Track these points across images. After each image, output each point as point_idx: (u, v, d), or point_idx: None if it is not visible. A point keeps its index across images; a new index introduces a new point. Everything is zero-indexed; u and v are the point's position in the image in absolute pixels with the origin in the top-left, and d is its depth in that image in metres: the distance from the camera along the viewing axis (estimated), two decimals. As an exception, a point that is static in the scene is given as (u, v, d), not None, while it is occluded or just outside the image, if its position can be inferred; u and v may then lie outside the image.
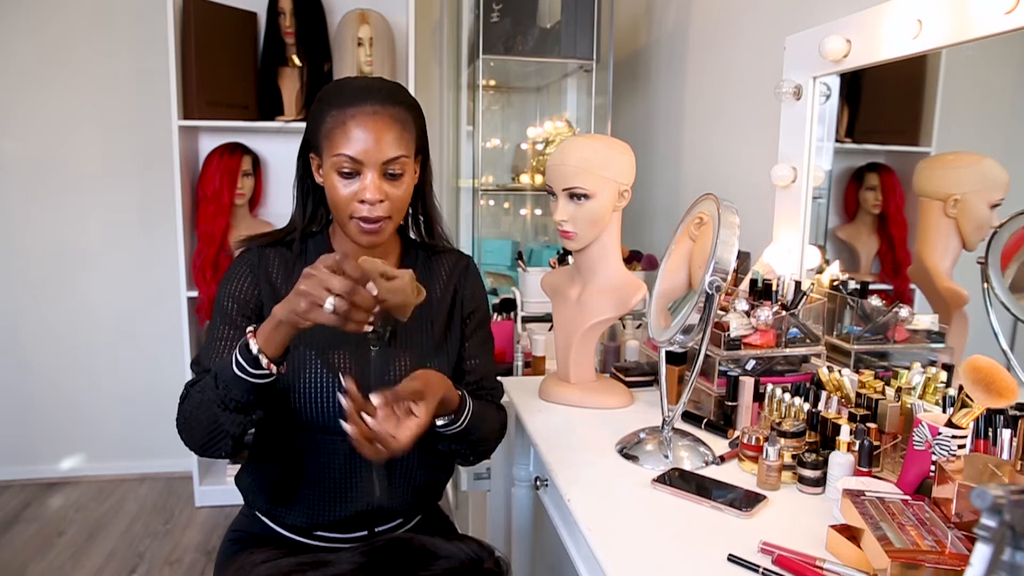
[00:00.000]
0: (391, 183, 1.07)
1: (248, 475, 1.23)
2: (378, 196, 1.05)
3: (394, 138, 1.05)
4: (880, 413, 1.11)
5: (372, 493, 1.16)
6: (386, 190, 1.07)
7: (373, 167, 1.05)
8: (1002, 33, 1.02)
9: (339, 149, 1.04)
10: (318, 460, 1.14)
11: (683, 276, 1.30)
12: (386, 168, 1.06)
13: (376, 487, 1.16)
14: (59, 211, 2.93)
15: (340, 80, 1.14)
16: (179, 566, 2.40)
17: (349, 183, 1.06)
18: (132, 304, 3.03)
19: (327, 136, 1.06)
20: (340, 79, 1.15)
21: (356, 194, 1.06)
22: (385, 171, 1.06)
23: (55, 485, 2.99)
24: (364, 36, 2.64)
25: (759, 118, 1.79)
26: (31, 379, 3.00)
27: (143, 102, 2.90)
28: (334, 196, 1.07)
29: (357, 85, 1.09)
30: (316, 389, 1.11)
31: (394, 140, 1.06)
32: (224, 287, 1.14)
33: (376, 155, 1.04)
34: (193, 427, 1.05)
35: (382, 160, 1.05)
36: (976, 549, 0.51)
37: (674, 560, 0.89)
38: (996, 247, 1.12)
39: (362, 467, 1.15)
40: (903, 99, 1.37)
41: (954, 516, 0.86)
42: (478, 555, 0.77)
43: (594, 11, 2.40)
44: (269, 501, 1.19)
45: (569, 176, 1.35)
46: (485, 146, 2.84)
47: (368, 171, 1.05)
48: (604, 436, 1.29)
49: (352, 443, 0.95)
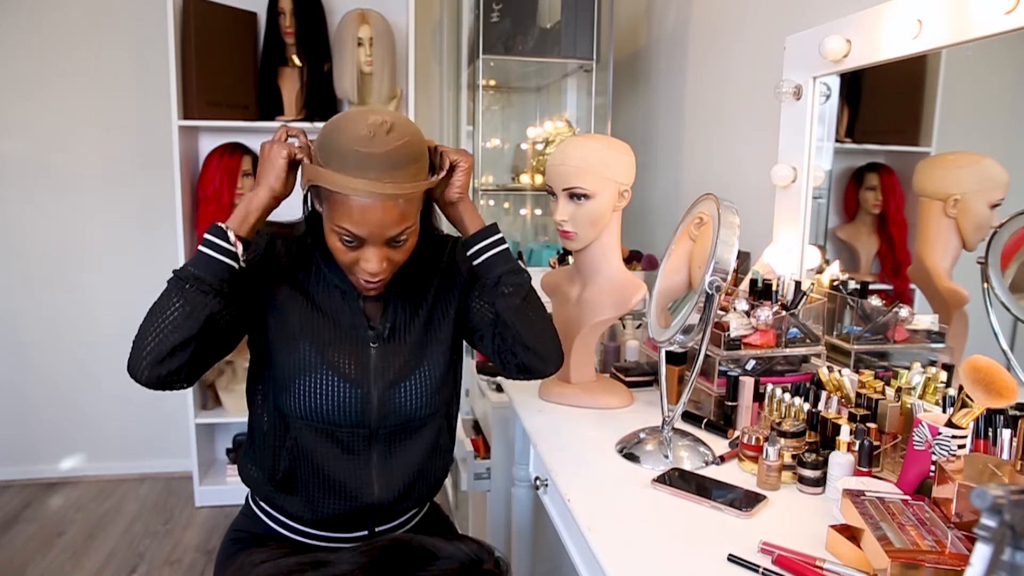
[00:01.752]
0: (394, 248, 1.07)
1: (251, 462, 1.23)
2: (381, 268, 1.05)
3: (398, 215, 1.02)
4: (880, 413, 1.11)
5: (371, 487, 1.16)
6: (389, 255, 1.07)
7: (376, 242, 1.04)
8: (1002, 33, 1.02)
9: (340, 221, 1.01)
10: (317, 452, 1.14)
11: (683, 276, 1.30)
12: (390, 240, 1.05)
13: (375, 482, 1.16)
14: (59, 211, 2.92)
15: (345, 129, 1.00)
16: (179, 566, 2.40)
17: (351, 250, 1.05)
18: (132, 304, 3.00)
19: (329, 197, 1.02)
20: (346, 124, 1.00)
21: (357, 260, 1.06)
22: (388, 243, 1.05)
23: (55, 485, 2.99)
24: (364, 36, 2.64)
25: (759, 118, 1.79)
26: (31, 379, 3.00)
27: (143, 102, 2.89)
28: (335, 254, 1.07)
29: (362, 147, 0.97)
30: (316, 386, 1.12)
31: (398, 217, 1.02)
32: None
33: (380, 235, 1.03)
34: (144, 327, 1.01)
35: (387, 238, 1.04)
36: (976, 549, 0.51)
37: (674, 560, 0.89)
38: (996, 247, 1.12)
39: (361, 461, 1.15)
40: (903, 99, 1.37)
41: (954, 516, 0.86)
42: (478, 555, 0.77)
43: (594, 11, 2.40)
44: (272, 487, 1.18)
45: (569, 176, 1.35)
46: (485, 146, 2.84)
47: (371, 244, 1.04)
48: (604, 436, 1.29)
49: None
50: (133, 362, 1.02)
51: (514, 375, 1.20)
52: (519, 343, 1.15)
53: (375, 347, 1.15)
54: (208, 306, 1.00)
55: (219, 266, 1.02)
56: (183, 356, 1.01)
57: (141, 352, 1.01)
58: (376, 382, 1.14)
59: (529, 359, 1.17)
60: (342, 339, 1.14)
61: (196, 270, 1.01)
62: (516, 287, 1.14)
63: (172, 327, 0.99)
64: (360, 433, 1.14)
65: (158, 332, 1.00)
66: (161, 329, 1.00)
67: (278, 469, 1.16)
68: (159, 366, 1.00)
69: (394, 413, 1.15)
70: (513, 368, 1.19)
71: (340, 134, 1.00)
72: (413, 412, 1.16)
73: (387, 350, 1.16)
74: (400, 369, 1.16)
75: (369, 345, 1.15)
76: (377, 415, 1.14)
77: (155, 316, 1.01)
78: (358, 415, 1.13)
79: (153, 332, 1.00)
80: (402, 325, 1.18)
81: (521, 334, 1.14)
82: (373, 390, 1.14)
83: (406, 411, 1.16)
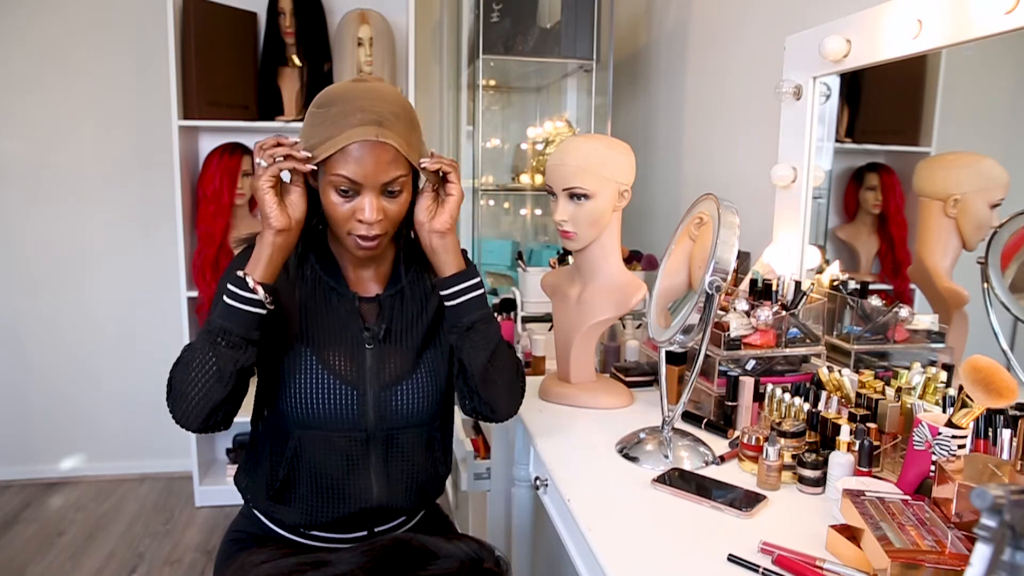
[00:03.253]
0: (389, 200, 1.08)
1: (246, 474, 1.24)
2: (376, 216, 1.06)
3: (393, 159, 1.05)
4: (880, 413, 1.11)
5: (370, 491, 1.16)
6: (384, 207, 1.07)
7: (372, 188, 1.05)
8: (1002, 33, 1.02)
9: (337, 169, 1.03)
10: (316, 458, 1.14)
11: (683, 276, 1.30)
12: (385, 188, 1.06)
13: (374, 485, 1.16)
14: (59, 211, 2.92)
15: (336, 89, 1.08)
16: (179, 566, 2.40)
17: (347, 201, 1.06)
18: (132, 304, 3.03)
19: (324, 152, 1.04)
20: (336, 87, 1.09)
21: (354, 212, 1.06)
22: (384, 190, 1.06)
23: (55, 485, 2.99)
24: (364, 36, 2.64)
25: (759, 118, 1.79)
26: (31, 379, 3.00)
27: (143, 102, 2.90)
28: (332, 212, 1.07)
29: (355, 100, 1.04)
30: (312, 387, 1.12)
31: (393, 161, 1.05)
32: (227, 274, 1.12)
33: (375, 178, 1.04)
34: (184, 383, 1.04)
35: (381, 182, 1.05)
36: (976, 549, 0.51)
37: (674, 560, 0.89)
38: (996, 247, 1.12)
39: (360, 464, 1.15)
40: (903, 99, 1.37)
41: (954, 516, 0.86)
42: (478, 555, 0.77)
43: (594, 11, 2.40)
44: (268, 499, 1.19)
45: (569, 176, 1.35)
46: (485, 146, 2.84)
47: (367, 192, 1.05)
48: (604, 436, 1.29)
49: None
50: (182, 417, 1.07)
51: (466, 412, 1.23)
52: (476, 393, 1.17)
53: (370, 348, 1.15)
54: (240, 360, 1.04)
55: (246, 315, 1.03)
56: (227, 407, 1.07)
57: (188, 409, 1.05)
58: (372, 384, 1.14)
59: (483, 409, 1.20)
60: (338, 340, 1.14)
61: (225, 323, 1.03)
62: (485, 339, 1.15)
63: (211, 384, 1.03)
64: (357, 437, 1.14)
65: (199, 390, 1.04)
66: (201, 387, 1.04)
67: (276, 479, 1.16)
68: (208, 419, 1.06)
69: (391, 416, 1.15)
70: (467, 408, 1.21)
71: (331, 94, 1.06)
72: (410, 415, 1.16)
73: (383, 352, 1.16)
74: (397, 371, 1.16)
75: (364, 346, 1.15)
76: (374, 417, 1.14)
77: (191, 371, 1.04)
78: (354, 417, 1.13)
79: (194, 390, 1.04)
80: (400, 328, 1.18)
81: (479, 388, 1.16)
82: (369, 391, 1.14)
83: (403, 414, 1.16)
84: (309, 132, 1.07)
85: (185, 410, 1.05)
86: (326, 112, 1.05)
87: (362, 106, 1.03)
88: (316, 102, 1.08)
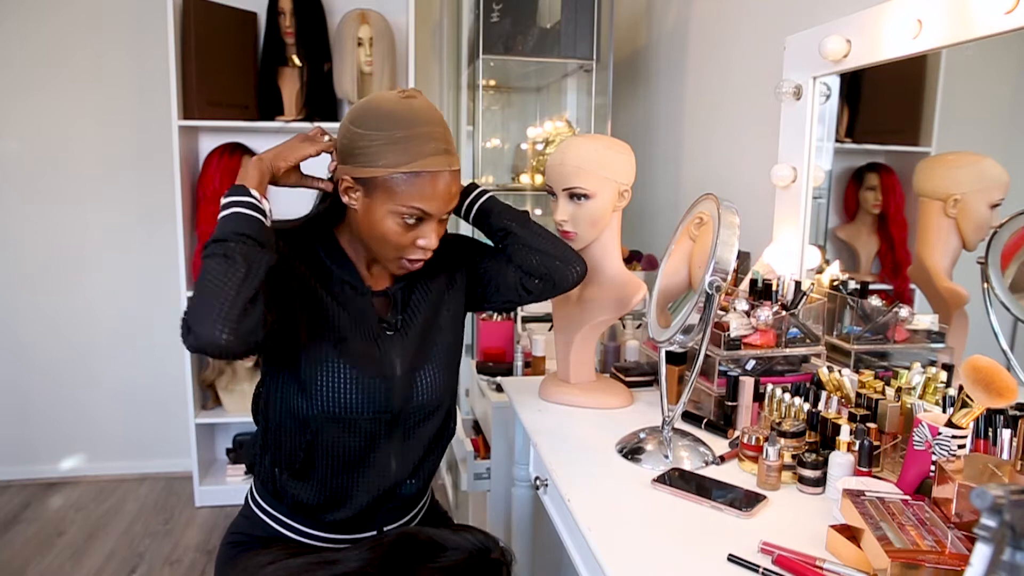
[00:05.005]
0: (441, 223, 1.12)
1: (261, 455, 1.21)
2: (437, 241, 1.10)
3: (457, 187, 1.10)
4: (880, 413, 1.11)
5: (388, 468, 1.18)
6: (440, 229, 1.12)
7: (437, 217, 1.08)
8: (1002, 33, 1.02)
9: (411, 201, 1.04)
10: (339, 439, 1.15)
11: (683, 276, 1.30)
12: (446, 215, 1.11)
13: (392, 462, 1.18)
14: (59, 211, 2.92)
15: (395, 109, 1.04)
16: (179, 566, 2.40)
17: (409, 229, 1.08)
18: (132, 304, 3.03)
19: (387, 184, 1.04)
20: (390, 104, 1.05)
21: (415, 240, 1.09)
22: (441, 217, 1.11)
23: (55, 485, 2.99)
24: (364, 36, 2.64)
25: (759, 118, 1.79)
26: (31, 379, 3.00)
27: (143, 102, 2.90)
28: (390, 238, 1.08)
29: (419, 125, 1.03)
30: (339, 383, 1.13)
31: (458, 191, 1.10)
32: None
33: (444, 208, 1.08)
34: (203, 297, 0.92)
35: (448, 211, 1.09)
36: (976, 549, 0.51)
37: (674, 560, 0.89)
38: (996, 247, 1.12)
39: (382, 443, 1.17)
40: (903, 99, 1.37)
41: (954, 516, 0.86)
42: (485, 545, 0.77)
43: (594, 11, 2.40)
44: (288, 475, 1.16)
45: (569, 176, 1.35)
46: (485, 146, 2.84)
47: (431, 220, 1.08)
48: (604, 436, 1.29)
49: None
50: (205, 332, 0.90)
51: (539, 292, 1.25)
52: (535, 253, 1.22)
53: (391, 335, 1.18)
54: (266, 260, 0.96)
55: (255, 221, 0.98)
56: (255, 311, 0.94)
57: (211, 320, 0.90)
58: (397, 370, 1.17)
59: (551, 264, 1.23)
60: (359, 332, 1.16)
61: (237, 229, 0.96)
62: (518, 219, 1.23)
63: (236, 287, 0.92)
64: (382, 419, 1.16)
65: (223, 296, 0.91)
66: (225, 292, 0.91)
67: (294, 461, 1.16)
68: (238, 325, 0.91)
69: (416, 397, 1.18)
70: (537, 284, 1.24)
71: (393, 120, 1.04)
72: (432, 395, 1.20)
73: (402, 339, 1.19)
74: (416, 356, 1.19)
75: (385, 334, 1.18)
76: (400, 400, 1.17)
77: (211, 283, 0.92)
78: (382, 403, 1.15)
79: (217, 298, 0.91)
80: (412, 318, 1.21)
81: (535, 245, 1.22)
82: (395, 378, 1.16)
83: (426, 395, 1.19)
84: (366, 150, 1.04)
85: (207, 322, 0.90)
86: (389, 135, 1.03)
87: (431, 133, 1.04)
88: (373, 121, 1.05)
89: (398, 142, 1.03)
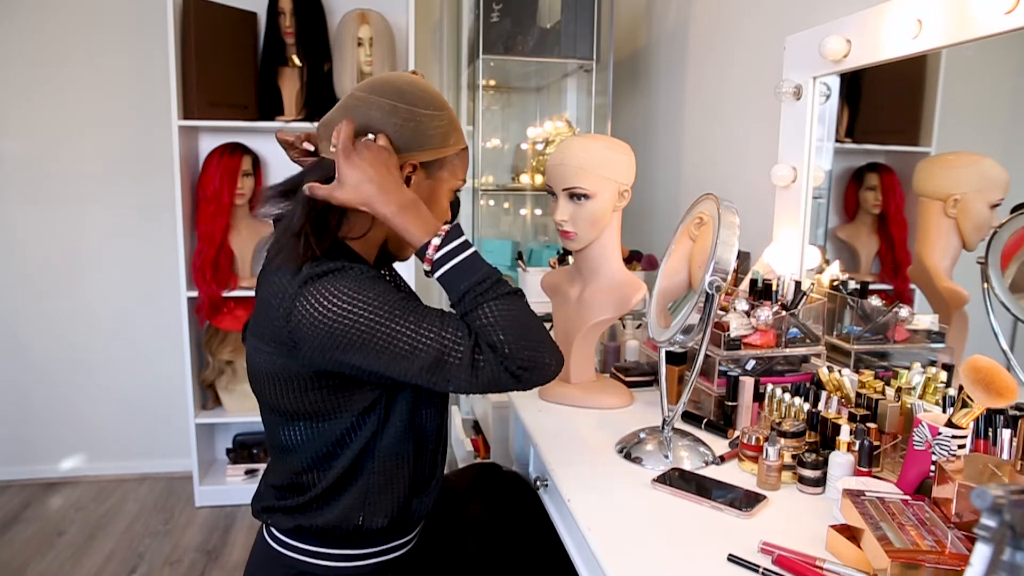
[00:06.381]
0: None
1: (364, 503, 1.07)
2: None
3: None
4: (880, 413, 1.11)
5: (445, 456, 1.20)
6: None
7: None
8: (1002, 33, 1.02)
9: (462, 175, 1.12)
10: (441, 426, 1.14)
11: (683, 276, 1.30)
12: None
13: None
14: (59, 211, 2.92)
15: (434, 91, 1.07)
16: (179, 566, 2.40)
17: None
18: (132, 304, 3.03)
19: (451, 163, 1.08)
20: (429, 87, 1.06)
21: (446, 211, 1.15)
22: None
23: (55, 485, 2.99)
24: (364, 36, 2.64)
25: (759, 118, 1.79)
26: (31, 379, 3.00)
27: (143, 102, 2.89)
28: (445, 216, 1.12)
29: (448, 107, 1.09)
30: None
31: None
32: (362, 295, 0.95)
33: None
34: (533, 333, 0.98)
35: None
36: (976, 549, 0.51)
37: (674, 560, 0.89)
38: (996, 247, 1.12)
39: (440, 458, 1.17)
40: (903, 99, 1.37)
41: (954, 516, 0.86)
42: None
43: (594, 11, 2.40)
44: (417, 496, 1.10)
45: (569, 176, 1.35)
46: (485, 146, 2.84)
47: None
48: (604, 436, 1.29)
49: None
50: (557, 361, 1.00)
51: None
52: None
53: None
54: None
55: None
56: None
57: (553, 347, 1.01)
58: None
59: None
60: None
61: (485, 269, 1.00)
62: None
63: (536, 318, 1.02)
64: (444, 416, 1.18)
65: (541, 325, 1.02)
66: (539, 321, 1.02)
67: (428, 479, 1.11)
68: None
69: None
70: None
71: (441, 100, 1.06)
72: None
73: None
74: None
75: None
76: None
77: (531, 316, 1.00)
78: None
79: (543, 328, 1.01)
80: None
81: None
82: None
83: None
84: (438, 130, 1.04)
85: (554, 347, 1.00)
86: (448, 114, 1.07)
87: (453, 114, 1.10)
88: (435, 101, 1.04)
89: (452, 120, 1.07)
